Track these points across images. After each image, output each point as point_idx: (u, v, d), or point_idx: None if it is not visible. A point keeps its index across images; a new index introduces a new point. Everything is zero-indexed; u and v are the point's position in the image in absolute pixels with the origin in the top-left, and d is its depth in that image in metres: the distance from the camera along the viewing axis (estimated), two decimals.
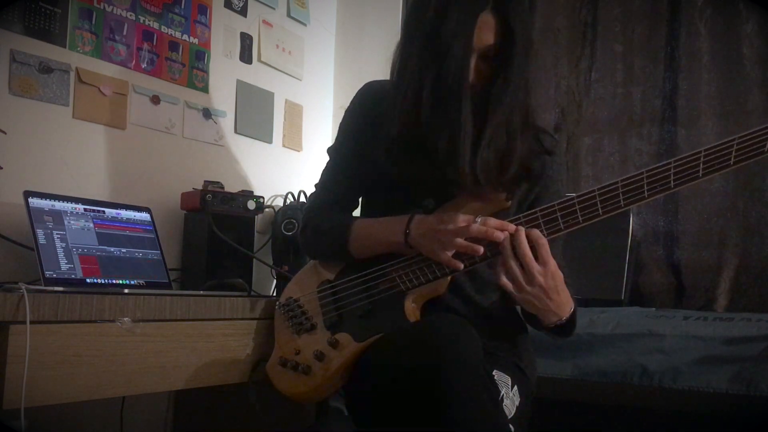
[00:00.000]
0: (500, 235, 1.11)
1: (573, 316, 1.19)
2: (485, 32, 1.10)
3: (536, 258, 1.09)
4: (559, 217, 1.10)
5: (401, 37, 1.20)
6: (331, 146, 1.40)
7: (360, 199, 1.42)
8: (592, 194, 1.08)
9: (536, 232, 1.10)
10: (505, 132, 1.15)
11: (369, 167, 1.32)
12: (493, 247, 1.13)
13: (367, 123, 1.30)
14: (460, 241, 1.12)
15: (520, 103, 1.15)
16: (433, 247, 1.16)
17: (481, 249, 1.12)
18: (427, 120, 1.14)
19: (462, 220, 1.13)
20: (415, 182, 1.23)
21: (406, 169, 1.21)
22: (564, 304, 1.15)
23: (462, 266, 1.15)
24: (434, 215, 1.18)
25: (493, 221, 1.13)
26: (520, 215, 1.13)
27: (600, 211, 1.08)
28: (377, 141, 1.23)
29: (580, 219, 1.09)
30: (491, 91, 1.14)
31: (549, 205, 1.11)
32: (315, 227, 1.36)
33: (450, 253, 1.14)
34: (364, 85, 1.37)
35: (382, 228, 1.25)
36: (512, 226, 1.12)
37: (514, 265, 1.10)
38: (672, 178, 1.04)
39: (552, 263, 1.10)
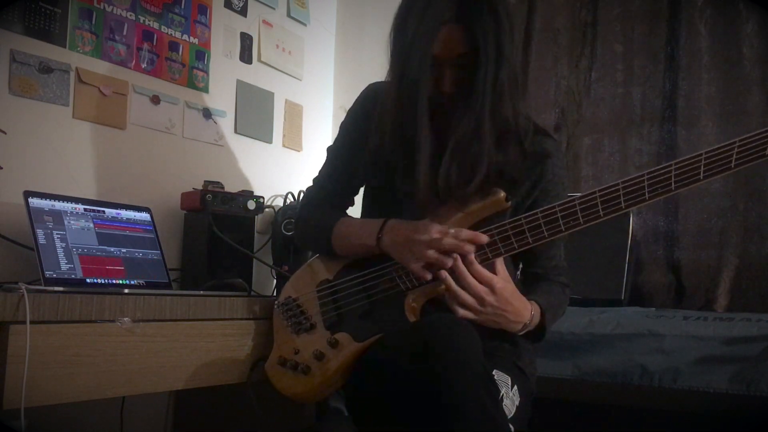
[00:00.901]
0: (470, 249, 1.13)
1: (542, 321, 1.23)
2: (452, 43, 1.11)
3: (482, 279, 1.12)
4: (560, 218, 1.10)
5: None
6: (331, 145, 1.43)
7: (354, 198, 1.45)
8: (593, 196, 1.08)
9: (469, 257, 1.12)
10: (476, 142, 1.14)
11: (368, 168, 1.33)
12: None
13: (366, 125, 1.31)
14: (431, 253, 1.14)
15: (492, 112, 1.13)
16: (404, 255, 1.18)
17: (451, 262, 1.13)
18: (391, 135, 1.17)
19: (436, 231, 1.14)
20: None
21: (384, 181, 1.25)
22: (521, 310, 1.18)
23: (430, 277, 1.16)
24: (409, 223, 1.19)
25: (466, 233, 1.13)
26: (521, 216, 1.13)
27: (601, 212, 1.08)
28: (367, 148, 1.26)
29: (581, 220, 1.09)
30: (458, 100, 1.15)
31: (550, 206, 1.12)
32: (305, 221, 1.42)
33: (420, 264, 1.15)
34: (367, 86, 1.39)
35: (358, 230, 1.27)
36: (485, 237, 1.14)
37: (464, 295, 1.12)
38: (673, 180, 1.04)
39: (495, 278, 1.13)
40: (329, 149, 1.43)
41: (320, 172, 1.44)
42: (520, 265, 1.36)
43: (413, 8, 1.12)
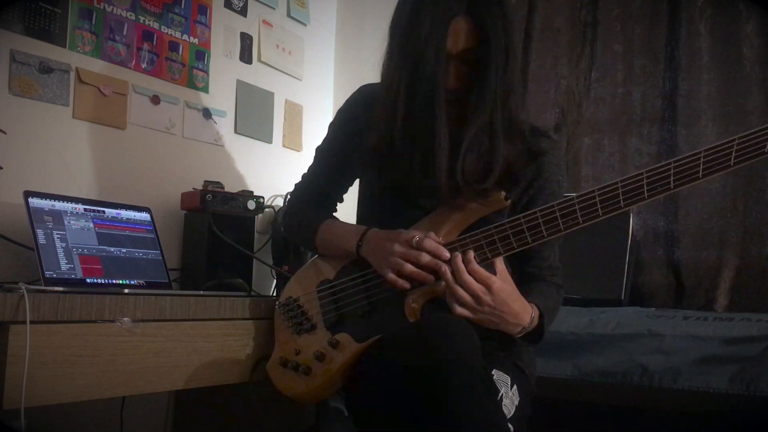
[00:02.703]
0: (440, 267, 1.14)
1: (540, 324, 1.22)
2: (461, 37, 1.11)
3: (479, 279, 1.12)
4: (559, 218, 1.10)
5: (387, 43, 1.21)
6: (319, 145, 1.45)
7: (344, 196, 1.47)
8: (592, 195, 1.08)
9: (468, 255, 1.12)
10: (487, 137, 1.15)
11: (358, 168, 1.35)
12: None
13: (357, 126, 1.31)
14: (410, 267, 1.14)
15: (503, 106, 1.14)
16: (381, 265, 1.19)
17: (432, 278, 1.15)
18: (401, 130, 1.16)
19: (403, 243, 1.15)
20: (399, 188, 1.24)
21: (386, 178, 1.25)
22: (520, 312, 1.17)
23: (409, 286, 1.16)
24: (388, 232, 1.20)
25: (428, 244, 1.14)
26: (520, 216, 1.13)
27: (600, 211, 1.08)
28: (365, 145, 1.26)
29: (580, 220, 1.09)
30: (470, 95, 1.14)
31: (548, 205, 1.11)
32: (291, 216, 1.45)
33: (394, 274, 1.16)
34: (358, 88, 1.39)
35: (340, 235, 1.30)
36: (446, 252, 1.14)
37: (461, 292, 1.12)
38: (672, 178, 1.04)
39: (493, 278, 1.13)
40: (318, 149, 1.44)
41: (309, 169, 1.47)
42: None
43: (424, 3, 1.12)
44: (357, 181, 1.44)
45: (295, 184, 1.50)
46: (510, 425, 1.13)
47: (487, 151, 1.15)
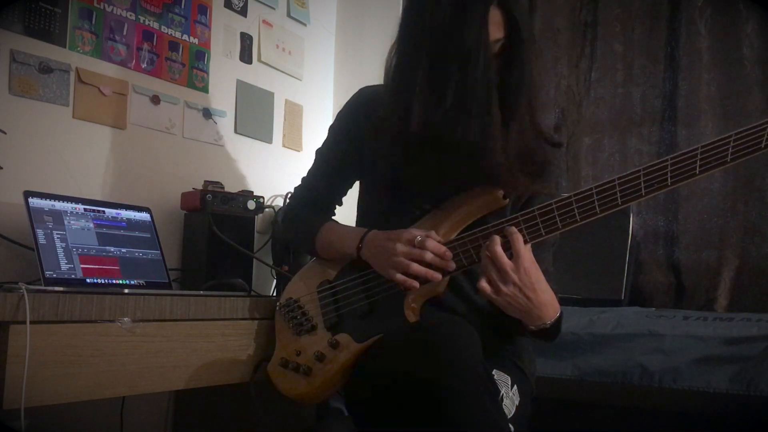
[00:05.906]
0: (446, 263, 1.13)
1: (558, 320, 1.19)
2: (494, 27, 1.10)
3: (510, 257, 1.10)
4: (557, 216, 1.10)
5: (400, 40, 1.19)
6: (319, 147, 1.43)
7: (342, 199, 1.46)
8: (590, 192, 1.08)
9: (510, 228, 1.10)
10: (527, 129, 1.16)
11: (358, 171, 1.34)
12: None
13: (358, 128, 1.31)
14: (416, 266, 1.13)
15: (529, 101, 1.15)
16: (384, 266, 1.17)
17: (440, 276, 1.14)
18: (452, 116, 1.11)
19: (406, 242, 1.14)
20: (416, 183, 1.22)
21: (416, 168, 1.19)
22: (546, 304, 1.14)
23: (419, 286, 1.15)
24: (388, 233, 1.19)
25: (431, 244, 1.13)
26: (518, 214, 1.13)
27: (597, 209, 1.08)
28: (372, 145, 1.24)
29: (578, 218, 1.09)
30: (509, 87, 1.13)
31: (546, 203, 1.11)
32: (291, 220, 1.45)
33: (401, 274, 1.14)
34: (358, 90, 1.38)
35: (340, 238, 1.29)
36: (448, 252, 1.14)
37: (488, 265, 1.10)
38: (669, 175, 1.04)
39: (526, 258, 1.10)
40: (318, 152, 1.44)
41: (309, 173, 1.46)
42: None
43: None
44: (356, 183, 1.43)
45: (294, 188, 1.49)
46: (510, 425, 1.13)
47: (527, 143, 1.16)
